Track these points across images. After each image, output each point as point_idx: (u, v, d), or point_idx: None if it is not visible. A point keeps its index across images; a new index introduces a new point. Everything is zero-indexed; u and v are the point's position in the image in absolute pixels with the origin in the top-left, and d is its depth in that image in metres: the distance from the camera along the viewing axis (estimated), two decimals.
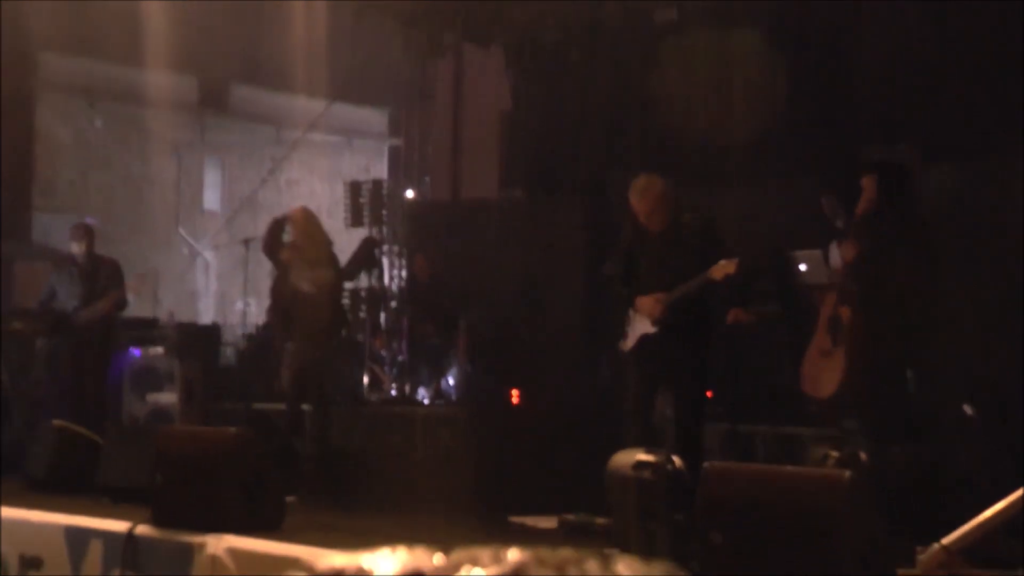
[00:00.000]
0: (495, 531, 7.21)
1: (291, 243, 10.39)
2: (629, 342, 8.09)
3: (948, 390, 9.32)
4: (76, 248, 11.43)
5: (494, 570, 0.86)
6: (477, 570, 0.87)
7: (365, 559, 0.91)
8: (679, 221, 7.95)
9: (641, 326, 7.99)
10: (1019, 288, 9.16)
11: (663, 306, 7.83)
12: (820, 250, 9.46)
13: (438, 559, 0.89)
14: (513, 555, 0.89)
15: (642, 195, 7.91)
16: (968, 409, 8.75)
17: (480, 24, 14.96)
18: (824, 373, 8.49)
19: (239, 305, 21.22)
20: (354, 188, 16.80)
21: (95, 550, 6.99)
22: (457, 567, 0.87)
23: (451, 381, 13.56)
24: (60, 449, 8.74)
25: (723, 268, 7.64)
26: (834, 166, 11.21)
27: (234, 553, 6.44)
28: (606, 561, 0.90)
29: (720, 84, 12.96)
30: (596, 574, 0.88)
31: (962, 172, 10.40)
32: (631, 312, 8.07)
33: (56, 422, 8.95)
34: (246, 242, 13.41)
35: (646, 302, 7.92)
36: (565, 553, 0.91)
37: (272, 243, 10.47)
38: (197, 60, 29.21)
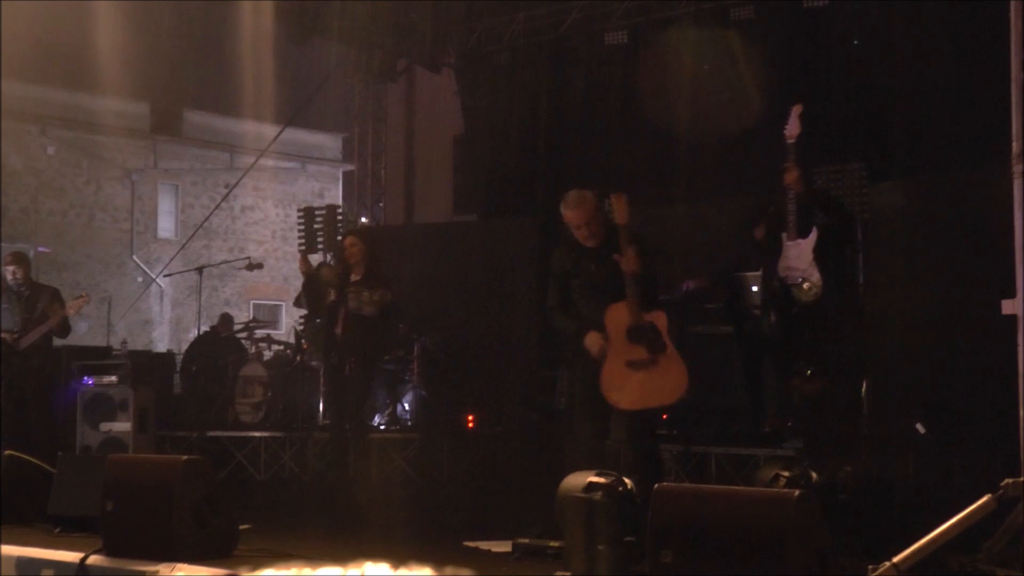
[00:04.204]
0: (450, 555, 7.19)
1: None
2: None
3: (899, 408, 9.38)
4: (12, 275, 11.44)
5: None
6: None
7: None
8: (612, 235, 7.69)
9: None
10: (969, 303, 9.17)
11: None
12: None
13: None
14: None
15: (576, 207, 7.72)
16: (920, 427, 8.81)
17: (432, 49, 14.99)
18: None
19: (193, 332, 21.11)
20: (308, 213, 16.76)
21: None
22: None
23: (406, 406, 13.52)
24: (10, 479, 8.65)
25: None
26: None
27: None
28: None
29: (671, 104, 13.02)
30: None
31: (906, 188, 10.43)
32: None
33: (7, 452, 8.85)
34: (200, 269, 13.35)
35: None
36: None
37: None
38: (150, 86, 29.13)
